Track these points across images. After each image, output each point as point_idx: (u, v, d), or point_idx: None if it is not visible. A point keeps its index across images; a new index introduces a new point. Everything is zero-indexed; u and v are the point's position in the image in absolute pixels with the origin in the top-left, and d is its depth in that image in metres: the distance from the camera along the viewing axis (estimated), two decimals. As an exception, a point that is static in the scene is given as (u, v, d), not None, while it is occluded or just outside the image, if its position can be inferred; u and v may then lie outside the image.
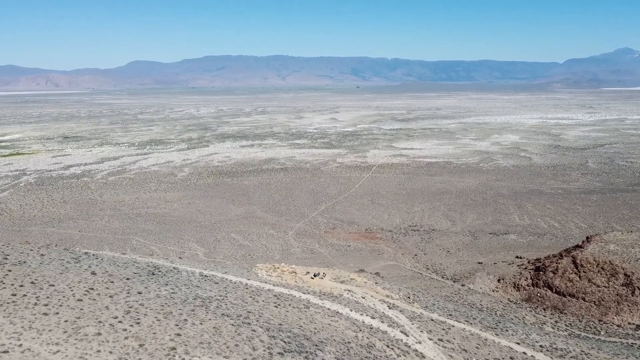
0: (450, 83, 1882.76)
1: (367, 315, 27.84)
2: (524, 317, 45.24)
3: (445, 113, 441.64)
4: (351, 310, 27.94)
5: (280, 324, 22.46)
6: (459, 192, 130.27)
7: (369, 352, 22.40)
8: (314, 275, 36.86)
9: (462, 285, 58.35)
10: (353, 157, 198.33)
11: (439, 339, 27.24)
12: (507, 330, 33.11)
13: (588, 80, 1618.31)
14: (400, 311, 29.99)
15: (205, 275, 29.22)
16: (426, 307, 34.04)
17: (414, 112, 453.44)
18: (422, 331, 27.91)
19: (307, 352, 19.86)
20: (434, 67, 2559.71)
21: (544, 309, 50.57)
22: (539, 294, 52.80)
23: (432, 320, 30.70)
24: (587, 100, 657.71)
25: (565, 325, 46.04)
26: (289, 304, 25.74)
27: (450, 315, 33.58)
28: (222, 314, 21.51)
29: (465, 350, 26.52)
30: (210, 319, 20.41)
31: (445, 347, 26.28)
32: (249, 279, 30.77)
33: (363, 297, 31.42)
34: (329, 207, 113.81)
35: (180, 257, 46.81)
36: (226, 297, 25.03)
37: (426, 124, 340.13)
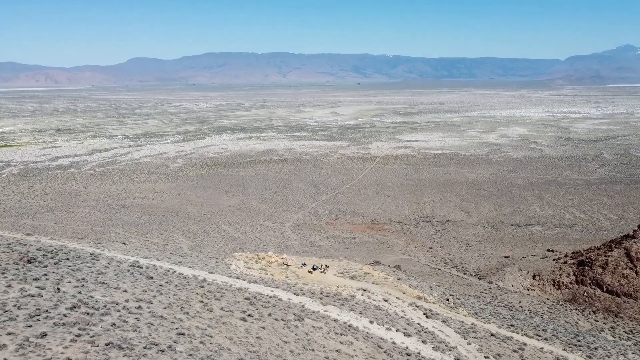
0: (452, 80, 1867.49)
1: (397, 329, 18.82)
2: (577, 323, 36.23)
3: (449, 107, 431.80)
4: (372, 322, 18.89)
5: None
6: (470, 182, 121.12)
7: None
8: (313, 269, 27.82)
9: (489, 282, 49.29)
10: (355, 148, 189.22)
11: (516, 369, 18.34)
12: (596, 349, 24.27)
13: (590, 77, 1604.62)
14: (444, 321, 21.10)
15: (139, 266, 20.11)
16: (476, 313, 25.08)
17: (416, 107, 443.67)
18: (487, 357, 18.97)
19: None
20: (435, 64, 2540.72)
21: (594, 312, 41.56)
22: (585, 294, 43.76)
23: (493, 335, 21.81)
24: (592, 95, 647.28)
25: (626, 332, 36.97)
26: (269, 314, 16.70)
27: (512, 325, 24.70)
28: (110, 344, 11.97)
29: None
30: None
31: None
32: (211, 272, 21.76)
33: (386, 300, 22.51)
34: (331, 198, 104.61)
35: (124, 243, 37.56)
36: (150, 303, 15.69)
37: (430, 118, 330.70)
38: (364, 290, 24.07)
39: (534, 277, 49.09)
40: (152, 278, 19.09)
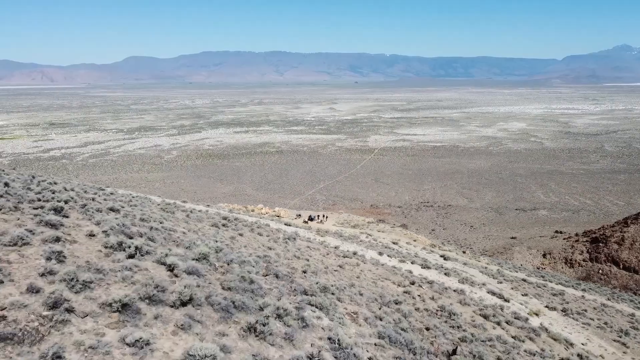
0: (449, 79, 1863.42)
1: (412, 262, 16.03)
2: (595, 300, 33.51)
3: (447, 104, 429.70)
4: (381, 254, 16.11)
5: (194, 244, 10.14)
6: (470, 172, 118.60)
7: (454, 323, 10.58)
8: (310, 219, 24.99)
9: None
10: (353, 141, 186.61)
11: (564, 310, 15.57)
12: (640, 302, 21.69)
13: (587, 76, 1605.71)
14: (465, 264, 18.41)
15: (100, 187, 17.29)
16: (499, 264, 22.45)
17: (414, 103, 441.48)
18: (525, 295, 16.33)
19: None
20: (432, 64, 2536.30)
21: (611, 290, 38.78)
22: (601, 271, 41.03)
23: (524, 280, 19.12)
24: (590, 93, 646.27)
25: (647, 309, 34.10)
26: (251, 230, 13.91)
27: (543, 277, 22.05)
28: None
29: (626, 332, 14.88)
30: None
31: (587, 323, 14.67)
32: (185, 202, 18.91)
33: (395, 243, 19.82)
34: (328, 186, 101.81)
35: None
36: (92, 199, 12.57)
37: (428, 114, 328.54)
38: (369, 234, 21.19)
39: (544, 255, 46.36)
40: (111, 194, 16.06)
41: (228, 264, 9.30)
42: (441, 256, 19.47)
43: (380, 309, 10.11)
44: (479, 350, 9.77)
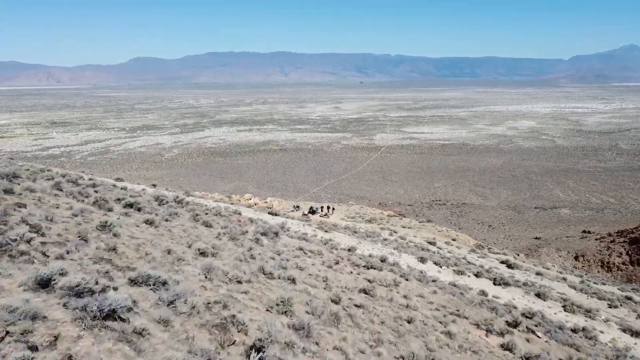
0: (454, 79, 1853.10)
1: (475, 275, 11.36)
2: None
3: (453, 103, 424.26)
4: (423, 261, 11.32)
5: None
6: (482, 170, 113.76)
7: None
8: (311, 212, 20.53)
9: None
10: (359, 139, 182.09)
11: None
12: None
13: (594, 76, 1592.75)
14: (538, 274, 13.89)
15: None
16: (573, 272, 17.94)
17: (420, 103, 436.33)
18: None
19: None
20: (437, 64, 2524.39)
21: (658, 297, 34.12)
22: (644, 275, 36.21)
23: (630, 299, 14.66)
24: (598, 93, 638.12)
25: None
26: (194, 219, 9.35)
27: (636, 290, 17.60)
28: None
29: None
30: None
31: None
32: (120, 180, 14.57)
33: (432, 243, 15.33)
34: (334, 184, 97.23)
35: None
36: None
37: (434, 112, 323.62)
38: (393, 231, 16.73)
39: (576, 257, 41.58)
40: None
41: None
42: (502, 262, 14.85)
43: None
44: None
